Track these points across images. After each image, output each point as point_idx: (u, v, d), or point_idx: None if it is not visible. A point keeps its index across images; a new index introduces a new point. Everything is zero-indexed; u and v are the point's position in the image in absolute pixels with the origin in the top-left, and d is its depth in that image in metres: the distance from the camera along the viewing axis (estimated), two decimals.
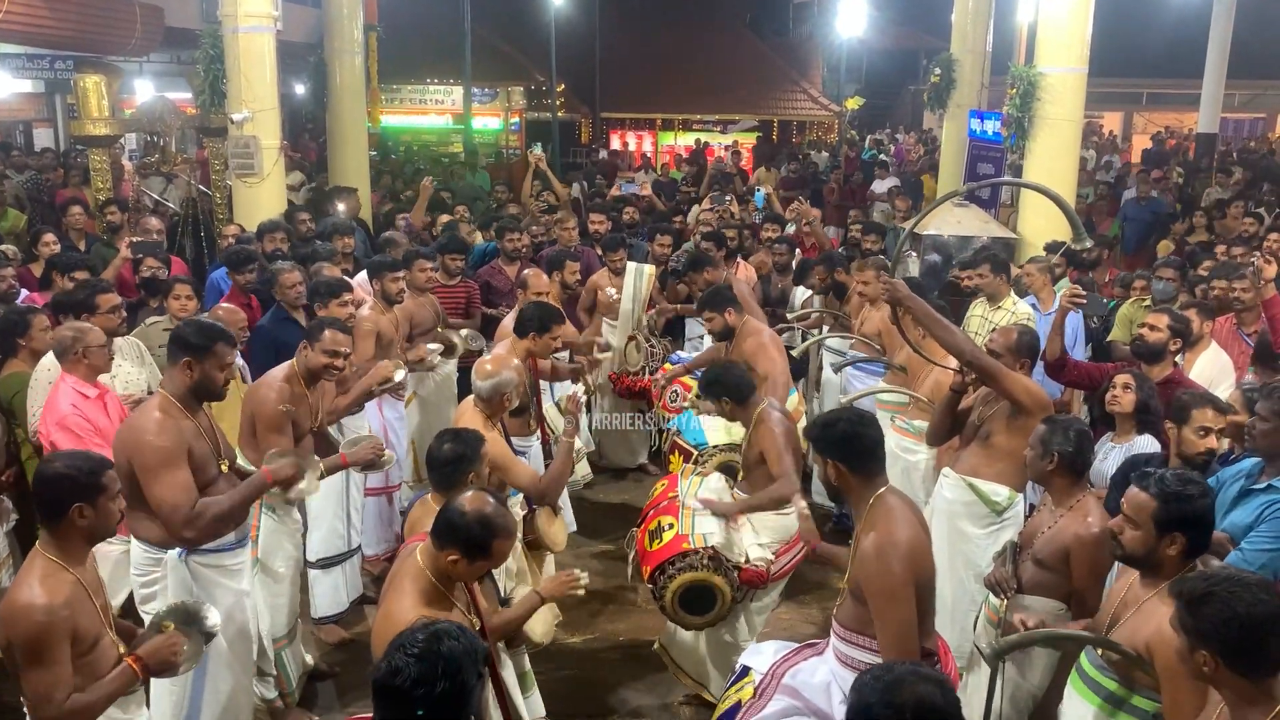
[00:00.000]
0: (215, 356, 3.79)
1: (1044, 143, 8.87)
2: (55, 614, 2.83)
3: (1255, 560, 3.43)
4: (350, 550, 5.37)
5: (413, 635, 2.02)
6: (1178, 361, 4.94)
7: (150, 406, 3.77)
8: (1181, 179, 15.45)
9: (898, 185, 13.90)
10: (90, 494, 2.94)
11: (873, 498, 3.17)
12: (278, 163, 9.22)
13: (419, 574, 2.88)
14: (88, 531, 2.98)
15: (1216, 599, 2.32)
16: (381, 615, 2.85)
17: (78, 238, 8.29)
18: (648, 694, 4.93)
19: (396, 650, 1.99)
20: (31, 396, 4.87)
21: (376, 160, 14.98)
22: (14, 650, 2.85)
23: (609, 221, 8.82)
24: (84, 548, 3.02)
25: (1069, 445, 3.59)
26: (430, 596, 2.84)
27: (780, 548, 4.38)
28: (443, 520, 2.86)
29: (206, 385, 3.81)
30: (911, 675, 2.11)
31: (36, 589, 2.85)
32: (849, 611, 3.20)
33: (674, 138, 24.35)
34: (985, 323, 6.25)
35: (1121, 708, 2.99)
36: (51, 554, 2.94)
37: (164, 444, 3.63)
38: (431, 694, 1.94)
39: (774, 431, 4.41)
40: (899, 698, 2.06)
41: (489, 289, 7.45)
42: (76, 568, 2.97)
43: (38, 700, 2.86)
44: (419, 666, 1.95)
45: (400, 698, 1.95)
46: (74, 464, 2.97)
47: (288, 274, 5.99)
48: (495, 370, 4.33)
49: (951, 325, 4.57)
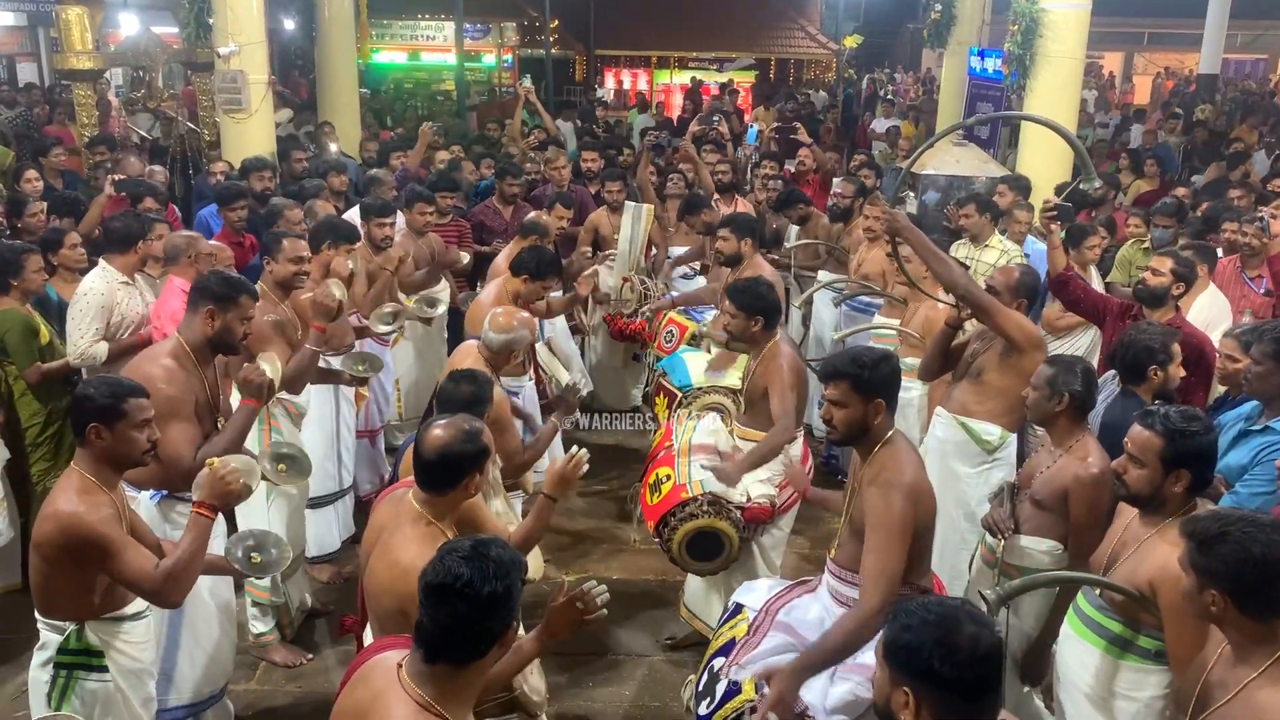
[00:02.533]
0: (239, 308, 3.76)
1: (1045, 81, 8.75)
2: (102, 513, 2.96)
3: (1250, 502, 3.42)
4: (342, 490, 5.36)
5: (460, 543, 2.09)
6: (1178, 306, 4.90)
7: (161, 352, 3.72)
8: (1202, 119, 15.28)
9: (897, 125, 13.75)
10: (107, 417, 3.00)
11: (884, 439, 3.14)
12: (266, 98, 9.04)
13: (419, 517, 2.84)
14: (107, 454, 3.04)
15: (1231, 539, 2.30)
16: (388, 564, 2.77)
17: (53, 177, 8.14)
18: (641, 633, 4.96)
19: (448, 554, 2.06)
20: (73, 320, 4.96)
21: (367, 97, 14.74)
22: (78, 556, 2.95)
23: (603, 160, 8.70)
24: (111, 472, 3.08)
25: (1078, 385, 3.56)
26: (435, 540, 2.81)
27: (782, 479, 4.34)
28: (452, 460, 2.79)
29: (226, 337, 3.77)
30: (965, 616, 1.97)
31: (75, 500, 2.96)
32: (847, 552, 3.19)
33: (670, 76, 24.01)
34: (973, 263, 6.22)
35: (1128, 649, 2.99)
36: (86, 471, 3.03)
37: (173, 393, 3.60)
38: (480, 595, 2.00)
39: (783, 368, 4.31)
40: (955, 639, 1.93)
41: (482, 229, 7.36)
42: (109, 490, 3.05)
43: (134, 580, 2.99)
44: (471, 568, 2.01)
45: (453, 597, 2.00)
46: (100, 387, 3.05)
47: (291, 210, 5.89)
48: (509, 324, 4.25)
49: (948, 259, 4.53)
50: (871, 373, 3.10)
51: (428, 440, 2.80)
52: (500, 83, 20.70)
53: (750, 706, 3.05)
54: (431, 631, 2.04)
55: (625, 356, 7.50)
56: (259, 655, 4.67)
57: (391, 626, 2.71)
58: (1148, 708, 2.96)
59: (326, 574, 5.34)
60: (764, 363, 4.38)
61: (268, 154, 8.48)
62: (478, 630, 2.04)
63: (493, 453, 2.94)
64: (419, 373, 6.55)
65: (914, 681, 1.94)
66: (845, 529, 3.25)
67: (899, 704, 1.97)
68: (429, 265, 6.36)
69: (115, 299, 5.04)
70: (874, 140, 14.18)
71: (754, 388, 4.45)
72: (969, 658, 1.91)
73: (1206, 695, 2.38)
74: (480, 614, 2.02)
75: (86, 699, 3.09)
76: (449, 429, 2.81)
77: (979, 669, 1.92)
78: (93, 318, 4.95)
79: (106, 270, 5.11)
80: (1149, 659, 2.95)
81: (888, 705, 2.01)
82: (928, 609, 1.99)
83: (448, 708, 2.04)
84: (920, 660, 1.93)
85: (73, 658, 3.07)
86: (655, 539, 4.30)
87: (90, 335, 4.94)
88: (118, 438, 3.03)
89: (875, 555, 3.00)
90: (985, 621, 1.99)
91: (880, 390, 3.11)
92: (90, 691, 3.10)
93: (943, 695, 1.93)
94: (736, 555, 4.24)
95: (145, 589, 3.02)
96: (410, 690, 2.04)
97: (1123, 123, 14.74)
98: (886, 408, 3.13)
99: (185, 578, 3.07)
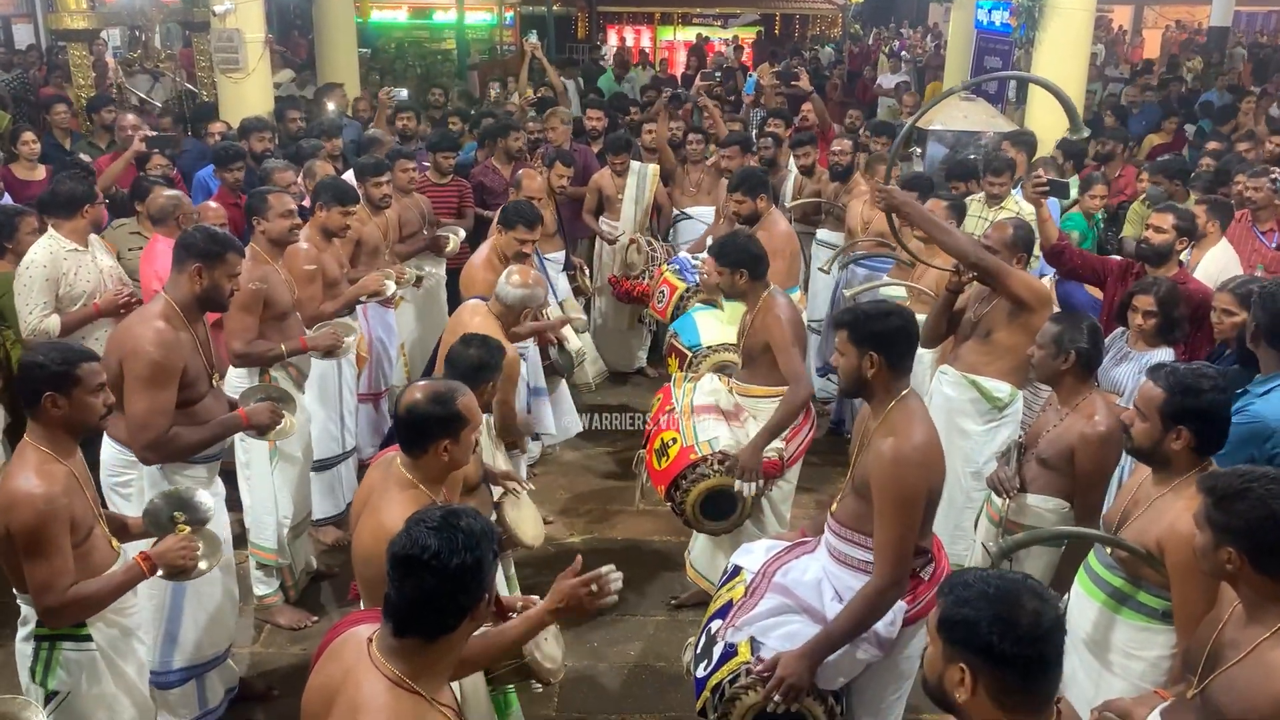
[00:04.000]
0: (226, 265, 3.70)
1: (1054, 34, 8.60)
2: (55, 502, 2.85)
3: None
4: (345, 452, 5.35)
5: (430, 512, 2.04)
6: (1183, 261, 4.84)
7: (152, 313, 3.64)
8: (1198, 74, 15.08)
9: (906, 81, 13.55)
10: (62, 384, 2.91)
11: (897, 398, 3.05)
12: (263, 57, 8.93)
13: (406, 481, 2.82)
14: (64, 422, 2.95)
15: (1252, 496, 2.25)
16: (372, 528, 2.74)
17: (63, 136, 8.08)
18: (644, 595, 4.96)
19: (415, 524, 2.00)
20: (19, 296, 4.80)
21: (367, 56, 14.56)
22: (13, 540, 2.85)
23: (605, 119, 8.58)
24: (68, 439, 3.00)
25: (1084, 342, 3.51)
26: (420, 503, 2.77)
27: (788, 432, 4.30)
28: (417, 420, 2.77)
29: (214, 294, 3.72)
30: (1027, 591, 1.88)
31: (33, 479, 2.86)
32: (849, 509, 3.15)
33: (673, 32, 23.68)
34: (981, 223, 6.12)
35: (1126, 604, 2.97)
36: (42, 444, 2.93)
37: (160, 358, 3.53)
38: (448, 567, 1.95)
39: (780, 320, 4.23)
40: (1016, 614, 1.83)
41: (482, 189, 7.27)
42: (67, 459, 2.97)
43: (40, 588, 2.88)
44: (438, 539, 1.96)
45: (420, 569, 1.95)
46: (50, 354, 2.95)
47: (281, 173, 5.83)
48: (525, 280, 4.19)
49: (950, 227, 4.47)
50: (867, 324, 3.02)
51: (403, 398, 2.82)
52: (502, 40, 20.42)
53: (746, 669, 3.03)
54: (399, 605, 1.98)
55: (631, 318, 7.47)
56: (263, 618, 4.68)
57: (377, 594, 2.67)
58: (1154, 667, 2.93)
59: (331, 536, 5.34)
60: (760, 316, 4.31)
61: (266, 114, 8.39)
62: (446, 603, 1.98)
63: (473, 422, 2.86)
64: (422, 335, 6.51)
65: (971, 657, 1.86)
66: (848, 484, 3.20)
67: (954, 681, 1.89)
68: (418, 226, 6.29)
69: (61, 269, 4.82)
70: (880, 96, 13.99)
71: (752, 342, 4.38)
72: (1030, 634, 1.83)
73: (1217, 654, 2.35)
74: (449, 587, 1.96)
75: (71, 669, 3.03)
76: (424, 390, 2.81)
77: (1040, 646, 1.84)
78: (38, 291, 4.76)
79: (54, 239, 4.88)
80: (1155, 618, 2.92)
81: (940, 682, 1.92)
82: (987, 582, 1.90)
83: (419, 682, 1.99)
84: (979, 636, 1.84)
85: (53, 629, 3.01)
86: (667, 503, 4.28)
87: (39, 309, 4.77)
88: (75, 405, 2.94)
89: (886, 527, 2.95)
90: (1047, 596, 1.90)
91: (873, 343, 3.00)
92: (74, 662, 3.03)
93: (1001, 672, 1.85)
94: (750, 512, 4.22)
95: (44, 601, 2.90)
96: (380, 665, 1.99)
97: (1132, 77, 14.53)
98: (888, 364, 3.01)
99: (87, 610, 2.99)
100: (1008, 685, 1.85)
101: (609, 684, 4.37)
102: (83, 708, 3.08)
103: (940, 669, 1.92)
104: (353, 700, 1.99)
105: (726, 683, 3.05)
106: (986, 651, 1.84)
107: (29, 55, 13.97)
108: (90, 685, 3.07)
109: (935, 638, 1.94)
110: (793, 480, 4.50)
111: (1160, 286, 4.22)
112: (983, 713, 1.88)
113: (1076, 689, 3.10)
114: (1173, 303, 4.18)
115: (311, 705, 2.11)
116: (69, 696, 3.05)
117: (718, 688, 3.08)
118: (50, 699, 3.03)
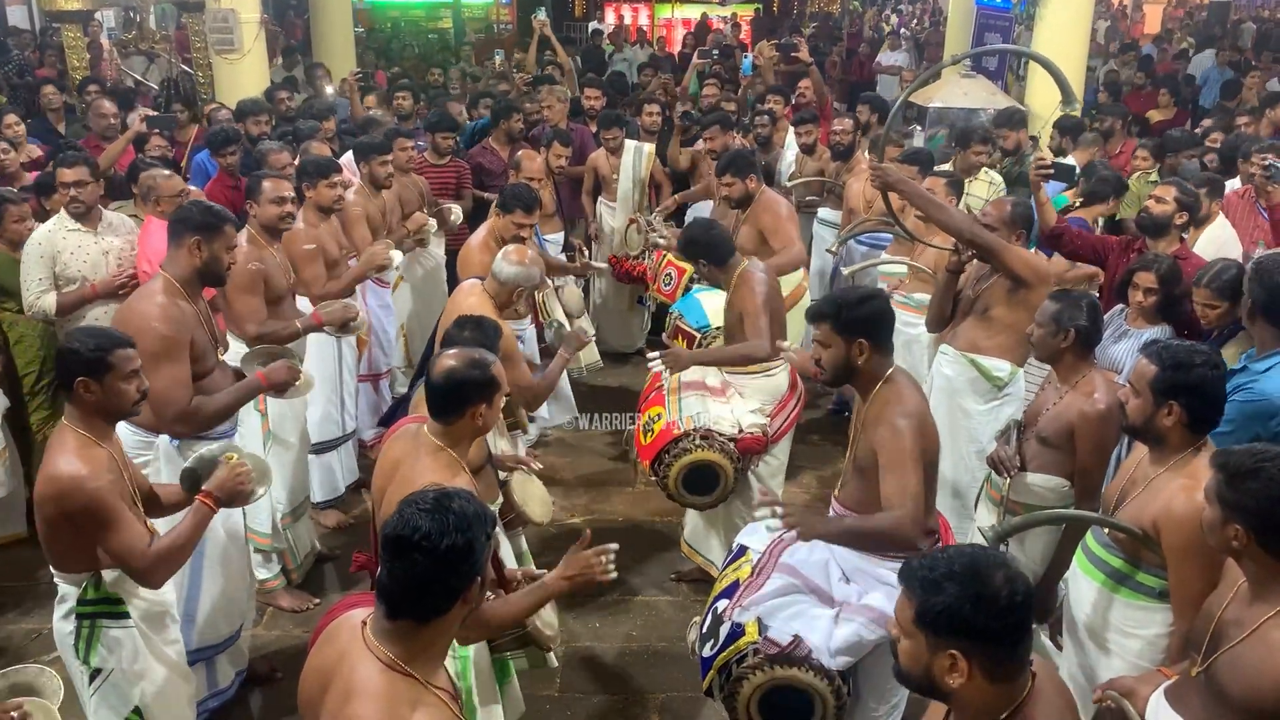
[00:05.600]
0: (224, 237, 3.71)
1: (1055, 9, 8.50)
2: (102, 479, 2.91)
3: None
4: (345, 435, 5.35)
5: (424, 494, 2.05)
6: (1184, 236, 4.81)
7: (154, 290, 3.64)
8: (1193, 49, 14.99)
9: (899, 68, 13.45)
10: (95, 370, 2.95)
11: (883, 378, 3.11)
12: (259, 38, 8.87)
13: (437, 448, 2.86)
14: (98, 407, 2.99)
15: (1264, 475, 2.24)
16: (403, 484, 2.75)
17: (56, 119, 8.04)
18: (646, 573, 4.97)
19: (408, 506, 2.01)
20: (22, 271, 4.84)
21: (363, 36, 14.48)
22: (76, 522, 2.90)
23: (604, 97, 8.51)
24: (103, 424, 3.04)
25: (1084, 319, 3.49)
26: (453, 467, 2.84)
27: (773, 408, 4.34)
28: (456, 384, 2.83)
29: (214, 267, 3.72)
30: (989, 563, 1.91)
31: (75, 461, 2.90)
32: (852, 492, 3.16)
33: (671, 10, 23.50)
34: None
35: (1124, 583, 2.97)
36: (79, 427, 2.98)
37: (169, 333, 3.55)
38: (439, 549, 1.95)
39: (755, 291, 4.29)
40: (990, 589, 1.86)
41: (481, 170, 7.22)
42: (105, 443, 3.01)
43: (124, 556, 2.96)
44: (431, 521, 1.97)
45: (411, 551, 1.96)
46: (84, 340, 2.98)
47: (276, 155, 5.80)
48: (522, 259, 4.19)
49: (947, 206, 4.45)
50: (850, 312, 3.08)
51: (438, 367, 2.86)
52: (499, 19, 20.29)
53: (753, 649, 3.04)
54: (391, 587, 1.98)
55: (631, 299, 7.44)
56: (265, 600, 4.68)
57: None
58: (1151, 645, 2.94)
59: (333, 519, 5.34)
60: (736, 290, 4.37)
61: (262, 96, 8.33)
62: (438, 586, 1.97)
63: (503, 387, 2.93)
64: (421, 316, 6.49)
65: (960, 642, 1.87)
66: (849, 468, 3.22)
67: (944, 669, 1.89)
68: (418, 206, 6.27)
69: (57, 247, 4.83)
70: (880, 74, 13.91)
71: (731, 317, 4.45)
72: (1009, 603, 1.85)
73: (1221, 633, 2.35)
74: (440, 568, 1.96)
75: (113, 646, 3.09)
76: (460, 356, 2.87)
77: (1019, 613, 1.87)
78: (34, 267, 4.81)
79: (60, 217, 4.93)
80: (1153, 597, 2.92)
81: (928, 673, 1.92)
82: (950, 563, 1.91)
83: (413, 664, 1.99)
84: (964, 619, 1.85)
85: (93, 607, 3.06)
86: (652, 477, 4.32)
87: (35, 286, 4.80)
88: (107, 390, 2.98)
89: (894, 478, 2.99)
90: (1004, 559, 1.93)
91: (861, 330, 3.08)
92: (115, 639, 3.09)
93: (990, 648, 1.87)
94: (733, 487, 4.25)
95: (134, 567, 2.98)
96: (374, 648, 1.99)
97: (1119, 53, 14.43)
98: (874, 346, 3.09)
99: (175, 562, 3.06)
100: (1000, 657, 1.89)
101: (610, 663, 4.39)
102: (126, 683, 3.12)
103: (926, 661, 1.92)
104: (347, 683, 1.99)
105: (734, 662, 3.07)
106: (975, 633, 1.86)
107: (21, 37, 13.89)
108: (132, 661, 3.12)
109: (914, 632, 1.93)
110: (781, 456, 4.52)
111: (1162, 264, 4.21)
112: (978, 692, 1.90)
113: (1073, 668, 3.11)
114: (1174, 280, 4.17)
115: (308, 688, 2.12)
116: (112, 673, 3.09)
117: (724, 667, 3.09)
118: (94, 677, 3.08)
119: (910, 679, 1.99)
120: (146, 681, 3.17)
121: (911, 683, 2.00)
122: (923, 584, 1.91)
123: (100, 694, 3.09)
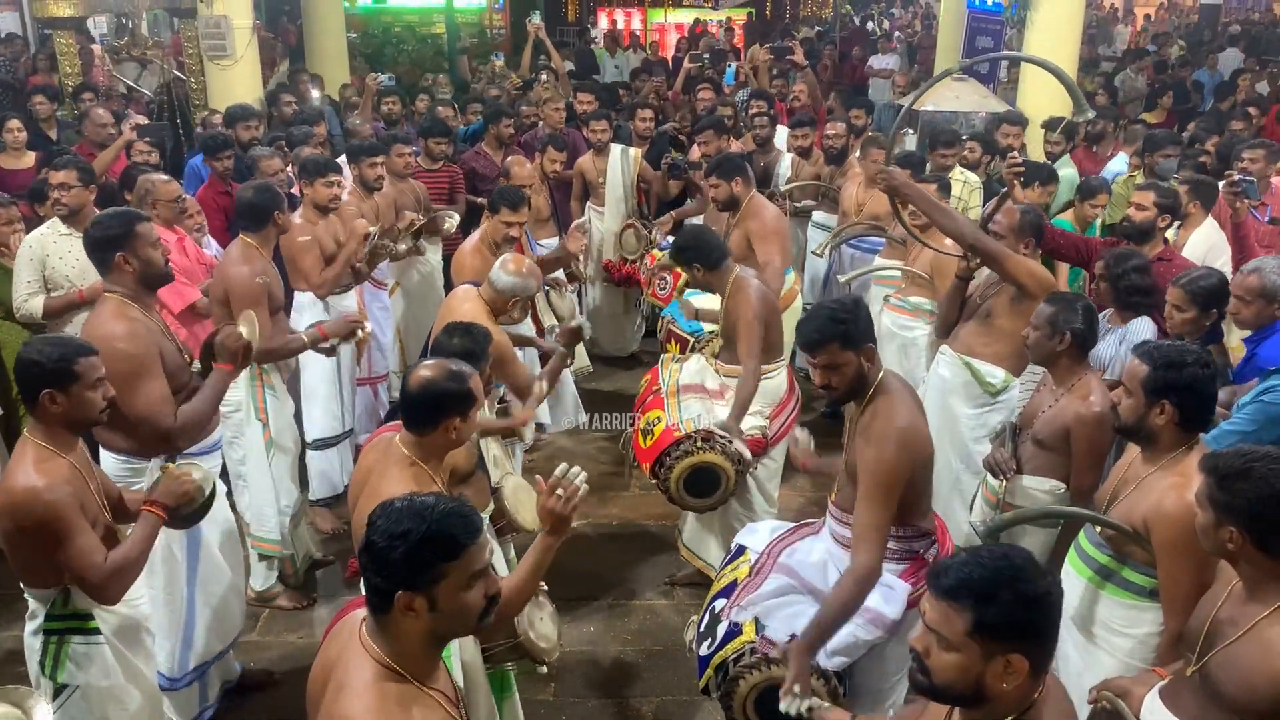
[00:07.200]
0: (140, 238, 3.53)
1: (1046, 12, 8.53)
2: (59, 491, 2.84)
3: (1222, 440, 3.34)
4: (345, 431, 5.37)
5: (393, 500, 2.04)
6: (1169, 239, 4.83)
7: (106, 313, 3.49)
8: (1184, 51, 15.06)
9: (899, 61, 13.48)
10: (59, 380, 2.88)
11: (876, 383, 3.07)
12: (251, 44, 8.87)
13: (407, 460, 2.84)
14: (64, 418, 2.92)
15: (1254, 475, 2.26)
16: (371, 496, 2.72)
17: (48, 126, 8.03)
18: (642, 575, 4.98)
19: (381, 510, 2.01)
20: (14, 273, 4.85)
21: (356, 42, 14.47)
22: (33, 535, 2.84)
23: (598, 102, 8.52)
24: (68, 434, 2.97)
25: (1079, 322, 3.51)
26: (421, 481, 2.80)
27: (772, 410, 4.34)
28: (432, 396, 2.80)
29: (150, 269, 3.56)
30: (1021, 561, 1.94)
31: (33, 474, 2.84)
32: (847, 495, 3.17)
33: (664, 14, 23.52)
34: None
35: (1110, 579, 2.99)
36: (40, 439, 2.91)
37: (136, 350, 3.43)
38: (375, 545, 1.95)
39: (750, 300, 4.30)
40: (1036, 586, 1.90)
41: (474, 175, 7.23)
42: (67, 453, 2.94)
43: (81, 570, 2.89)
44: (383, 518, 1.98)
45: (363, 550, 1.98)
46: (45, 350, 2.90)
47: (267, 160, 5.79)
48: (520, 269, 4.19)
49: (951, 210, 4.45)
50: (853, 323, 3.01)
51: (414, 378, 2.83)
52: (492, 24, 20.29)
53: (751, 648, 3.04)
54: (366, 585, 2.01)
55: (626, 303, 7.45)
56: (262, 604, 4.68)
57: None
58: (1142, 644, 2.95)
59: (329, 523, 5.34)
60: (732, 298, 4.38)
61: (255, 101, 8.33)
62: (375, 583, 1.98)
63: (480, 401, 2.90)
64: (417, 321, 6.49)
65: (1021, 644, 1.89)
66: (843, 474, 3.23)
67: (998, 674, 1.90)
68: (415, 210, 6.27)
69: (46, 250, 4.83)
70: (871, 77, 13.94)
71: (728, 325, 4.46)
72: (1057, 599, 1.94)
73: (1216, 632, 2.36)
74: (374, 566, 1.97)
75: (80, 662, 3.02)
76: (435, 368, 2.84)
77: (1060, 604, 1.96)
78: (24, 269, 4.82)
79: (53, 222, 4.94)
80: (1142, 595, 2.93)
81: (979, 681, 1.92)
82: (988, 569, 1.91)
83: (403, 663, 2.00)
84: (1024, 623, 1.88)
85: (61, 623, 3.00)
86: (653, 480, 4.32)
87: (24, 288, 4.81)
88: (73, 400, 2.90)
89: (866, 507, 2.96)
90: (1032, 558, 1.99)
91: (866, 336, 3.05)
92: (83, 655, 3.02)
93: (1045, 644, 1.94)
94: (734, 489, 4.25)
95: (90, 581, 2.91)
96: (368, 647, 2.01)
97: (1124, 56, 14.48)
98: (873, 350, 3.08)
99: (130, 574, 3.00)
100: (1049, 650, 1.96)
101: (606, 666, 4.39)
102: (92, 701, 3.07)
103: (978, 670, 1.91)
104: (340, 680, 2.02)
105: (731, 662, 3.07)
106: (1036, 633, 1.91)
107: (13, 44, 13.84)
108: (99, 678, 3.06)
109: (966, 644, 1.91)
110: (778, 459, 4.53)
111: (1108, 255, 4.29)
112: (1017, 690, 1.93)
113: (1066, 665, 3.12)
114: (1118, 265, 4.22)
115: (313, 685, 2.15)
116: (78, 690, 3.04)
117: (721, 666, 3.09)
118: (60, 692, 3.02)
119: (951, 691, 1.97)
120: (113, 699, 3.10)
121: (952, 694, 1.98)
122: (975, 596, 1.90)
123: (64, 711, 3.02)
